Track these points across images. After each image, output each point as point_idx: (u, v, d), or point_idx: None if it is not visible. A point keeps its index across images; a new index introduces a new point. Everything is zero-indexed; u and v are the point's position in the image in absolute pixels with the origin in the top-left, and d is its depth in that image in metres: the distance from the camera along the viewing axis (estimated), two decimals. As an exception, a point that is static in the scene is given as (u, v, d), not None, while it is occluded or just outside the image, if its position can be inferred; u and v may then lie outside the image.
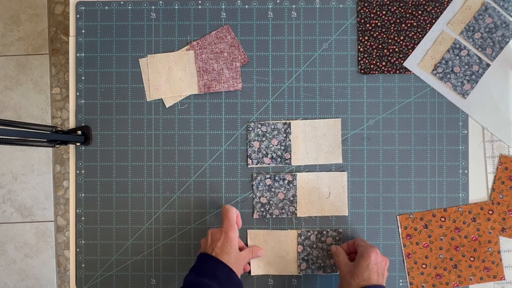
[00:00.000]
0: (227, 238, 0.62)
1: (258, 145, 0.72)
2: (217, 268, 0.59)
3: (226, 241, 0.61)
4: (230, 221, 0.64)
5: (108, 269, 0.72)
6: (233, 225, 0.64)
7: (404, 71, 0.72)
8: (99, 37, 0.73)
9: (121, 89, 0.73)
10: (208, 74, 0.69)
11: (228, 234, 0.62)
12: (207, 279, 0.58)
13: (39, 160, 1.49)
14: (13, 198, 1.49)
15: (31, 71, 1.50)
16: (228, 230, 0.63)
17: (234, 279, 0.60)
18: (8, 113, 1.49)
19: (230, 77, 0.70)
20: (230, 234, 0.63)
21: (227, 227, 0.63)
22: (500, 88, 0.71)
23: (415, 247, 0.71)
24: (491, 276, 0.70)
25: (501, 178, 0.71)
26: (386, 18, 0.72)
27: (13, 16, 1.50)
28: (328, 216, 0.71)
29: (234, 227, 0.64)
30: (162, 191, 0.72)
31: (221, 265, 0.59)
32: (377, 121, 0.72)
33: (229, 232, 0.63)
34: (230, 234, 0.63)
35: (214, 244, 0.61)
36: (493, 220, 0.70)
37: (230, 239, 0.62)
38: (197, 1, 0.73)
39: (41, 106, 1.50)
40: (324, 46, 0.72)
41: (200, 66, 0.71)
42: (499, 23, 0.71)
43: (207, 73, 0.69)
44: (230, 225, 0.64)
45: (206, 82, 0.70)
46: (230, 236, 0.62)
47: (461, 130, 0.72)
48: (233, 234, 0.63)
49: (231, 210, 0.65)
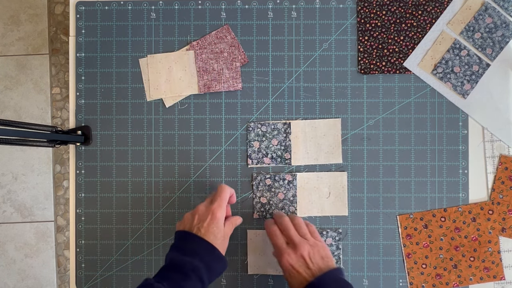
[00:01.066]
0: (213, 218, 0.60)
1: (258, 145, 0.72)
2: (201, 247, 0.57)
3: (212, 221, 0.60)
4: (222, 200, 0.62)
5: (108, 269, 0.72)
6: (222, 205, 0.62)
7: (404, 71, 0.72)
8: (99, 37, 0.73)
9: (121, 89, 0.73)
10: (208, 74, 0.69)
11: (216, 214, 0.60)
12: (189, 257, 0.56)
13: (39, 160, 1.49)
14: (13, 198, 1.49)
15: (31, 71, 1.50)
16: (216, 210, 0.61)
17: (218, 256, 0.58)
18: (8, 113, 1.49)
19: (230, 77, 0.70)
20: (217, 214, 0.60)
21: (216, 207, 0.61)
22: (500, 88, 0.71)
23: (415, 247, 0.71)
24: (491, 276, 0.70)
25: (501, 178, 0.71)
26: (386, 18, 0.72)
27: (13, 16, 1.50)
28: (328, 216, 0.71)
29: (223, 207, 0.62)
30: (162, 191, 0.72)
31: (204, 243, 0.58)
32: (377, 121, 0.72)
33: (216, 212, 0.60)
34: (217, 214, 0.60)
35: (200, 224, 0.59)
36: (493, 220, 0.70)
37: (217, 219, 0.60)
38: (197, 1, 0.73)
39: (41, 106, 1.50)
40: (324, 46, 0.72)
41: (200, 66, 0.71)
42: (499, 23, 0.71)
43: (207, 73, 0.69)
44: (220, 205, 0.61)
45: (206, 82, 0.70)
46: (217, 216, 0.60)
47: (461, 130, 0.72)
48: (220, 214, 0.61)
49: (226, 190, 0.63)
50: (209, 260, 0.57)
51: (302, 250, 0.57)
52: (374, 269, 0.71)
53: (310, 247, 0.58)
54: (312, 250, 0.58)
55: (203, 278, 0.56)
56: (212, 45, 0.70)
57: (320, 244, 0.60)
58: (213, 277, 0.58)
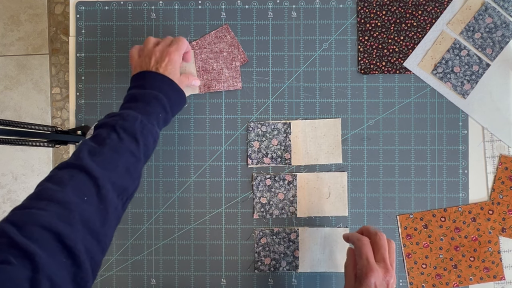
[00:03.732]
0: (171, 60, 0.60)
1: (258, 145, 0.72)
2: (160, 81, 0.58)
3: (170, 63, 0.60)
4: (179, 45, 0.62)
5: (108, 269, 0.72)
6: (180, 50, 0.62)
7: (404, 71, 0.72)
8: (99, 37, 0.73)
9: (121, 89, 0.73)
10: (208, 74, 0.69)
11: (173, 56, 0.60)
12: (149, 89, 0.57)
13: (39, 160, 1.49)
14: (13, 198, 1.49)
15: (31, 71, 1.50)
16: (174, 53, 0.61)
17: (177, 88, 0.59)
18: (8, 113, 1.49)
19: (230, 76, 0.70)
20: (175, 56, 0.60)
21: (174, 50, 0.61)
22: (500, 88, 0.71)
23: (415, 247, 0.71)
24: (491, 276, 0.70)
25: (501, 178, 0.71)
26: (386, 18, 0.72)
27: (13, 16, 1.50)
28: (328, 216, 0.71)
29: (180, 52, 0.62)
30: (162, 191, 0.72)
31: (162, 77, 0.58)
32: (377, 121, 0.72)
33: (174, 54, 0.60)
34: (175, 56, 0.60)
35: (158, 64, 0.60)
36: (493, 220, 0.70)
37: (175, 61, 0.60)
38: (197, 1, 0.73)
39: (41, 106, 1.50)
40: (324, 46, 0.72)
41: (199, 66, 0.71)
42: (499, 23, 0.71)
43: (207, 72, 0.69)
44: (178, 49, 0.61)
45: (206, 82, 0.70)
46: (174, 58, 0.60)
47: (461, 130, 0.72)
48: (178, 57, 0.61)
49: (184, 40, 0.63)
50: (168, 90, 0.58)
51: (389, 278, 0.55)
52: (374, 269, 0.71)
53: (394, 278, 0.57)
54: (394, 282, 0.56)
55: (166, 106, 0.57)
56: (212, 45, 0.70)
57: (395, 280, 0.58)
58: (174, 108, 0.59)
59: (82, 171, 0.47)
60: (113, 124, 0.53)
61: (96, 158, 0.49)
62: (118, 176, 0.50)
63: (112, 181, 0.49)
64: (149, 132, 0.55)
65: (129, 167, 0.52)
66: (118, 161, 0.50)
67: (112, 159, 0.50)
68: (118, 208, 0.50)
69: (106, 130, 0.52)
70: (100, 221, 0.46)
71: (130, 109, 0.56)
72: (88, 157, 0.48)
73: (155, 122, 0.57)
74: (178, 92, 0.61)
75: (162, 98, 0.57)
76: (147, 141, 0.54)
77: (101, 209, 0.47)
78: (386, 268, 0.55)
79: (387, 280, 0.55)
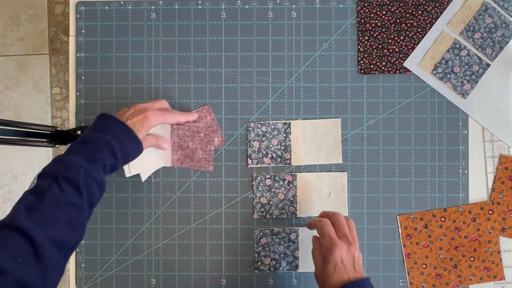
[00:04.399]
0: (145, 119, 0.59)
1: (258, 145, 0.72)
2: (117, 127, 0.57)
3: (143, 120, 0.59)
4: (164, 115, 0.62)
5: (108, 269, 0.72)
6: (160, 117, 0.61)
7: (404, 71, 0.72)
8: (99, 37, 0.73)
9: (121, 89, 0.73)
10: (182, 150, 0.68)
11: (149, 117, 0.60)
12: (102, 134, 0.56)
13: (39, 160, 1.49)
14: (13, 198, 1.49)
15: (31, 71, 1.50)
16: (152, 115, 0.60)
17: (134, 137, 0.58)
18: (8, 113, 1.49)
19: (203, 158, 0.70)
20: (151, 118, 0.60)
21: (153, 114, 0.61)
22: (500, 88, 0.71)
23: (415, 247, 0.71)
24: (491, 276, 0.70)
25: (501, 178, 0.71)
26: (386, 18, 0.72)
27: (13, 16, 1.50)
28: (328, 216, 0.71)
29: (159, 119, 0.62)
30: (162, 191, 0.72)
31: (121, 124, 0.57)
32: (377, 121, 0.72)
33: (151, 116, 0.60)
34: (151, 118, 0.60)
35: (131, 116, 0.59)
36: (493, 220, 0.70)
37: (148, 122, 0.60)
38: (197, 1, 0.73)
39: (41, 106, 1.50)
40: (324, 46, 0.72)
41: (175, 141, 0.70)
42: (499, 23, 0.71)
43: (181, 149, 0.68)
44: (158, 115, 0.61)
45: (180, 157, 0.69)
46: (150, 119, 0.60)
47: (461, 130, 0.72)
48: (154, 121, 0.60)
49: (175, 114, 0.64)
50: (124, 139, 0.57)
51: (353, 250, 0.57)
52: (374, 269, 0.71)
53: (359, 252, 0.58)
54: (359, 254, 0.58)
55: (116, 154, 0.56)
56: (190, 123, 0.70)
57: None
58: (127, 157, 0.58)
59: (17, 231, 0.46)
60: (56, 174, 0.51)
61: (34, 215, 0.48)
62: (58, 232, 0.49)
63: (51, 238, 0.47)
64: (94, 180, 0.53)
65: (70, 220, 0.50)
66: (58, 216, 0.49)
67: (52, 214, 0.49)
68: (59, 262, 0.49)
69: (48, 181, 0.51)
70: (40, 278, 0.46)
71: (77, 154, 0.54)
72: (25, 215, 0.47)
73: (101, 169, 0.55)
74: (135, 142, 0.59)
75: (114, 146, 0.55)
76: (91, 189, 0.53)
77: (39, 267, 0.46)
78: (349, 242, 0.57)
79: (352, 252, 0.56)
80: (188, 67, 0.73)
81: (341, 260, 0.55)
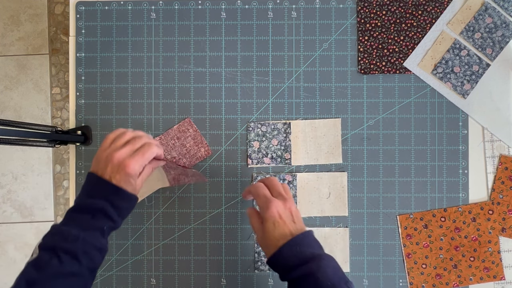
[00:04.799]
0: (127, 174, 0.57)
1: (258, 145, 0.72)
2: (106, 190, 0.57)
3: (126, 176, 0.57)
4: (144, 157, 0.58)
5: (108, 269, 0.72)
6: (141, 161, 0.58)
7: (404, 71, 0.72)
8: (99, 37, 0.73)
9: (121, 89, 0.73)
10: (174, 170, 0.67)
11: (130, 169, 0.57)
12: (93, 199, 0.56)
13: (39, 160, 1.49)
14: (13, 198, 1.49)
15: (31, 71, 1.50)
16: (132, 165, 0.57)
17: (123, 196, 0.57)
18: (8, 113, 1.49)
19: (195, 172, 0.70)
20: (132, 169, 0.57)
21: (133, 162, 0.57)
22: (500, 88, 0.71)
23: (415, 247, 0.71)
24: (491, 276, 0.70)
25: (501, 178, 0.71)
26: (386, 18, 0.72)
27: (13, 16, 1.50)
28: (328, 216, 0.71)
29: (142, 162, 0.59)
30: (162, 191, 0.72)
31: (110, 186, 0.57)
32: (377, 121, 0.72)
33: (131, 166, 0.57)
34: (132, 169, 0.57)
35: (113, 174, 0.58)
36: (493, 220, 0.70)
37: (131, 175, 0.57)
38: (197, 1, 0.73)
39: (41, 106, 1.50)
40: (324, 46, 0.72)
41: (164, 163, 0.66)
42: (499, 23, 0.71)
43: (172, 169, 0.67)
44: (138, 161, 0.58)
45: (174, 176, 0.67)
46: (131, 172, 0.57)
47: (461, 130, 0.72)
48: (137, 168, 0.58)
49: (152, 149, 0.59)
50: (115, 200, 0.57)
51: (290, 205, 0.58)
52: (374, 269, 0.71)
53: (296, 207, 0.59)
54: (296, 209, 0.59)
55: (112, 216, 0.56)
56: (175, 140, 0.70)
57: None
58: (123, 213, 0.58)
59: None
60: (54, 246, 0.53)
61: None
62: None
63: None
64: (92, 247, 0.55)
65: None
66: None
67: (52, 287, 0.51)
68: None
69: (48, 253, 0.53)
70: None
71: (74, 223, 0.55)
72: None
73: (99, 234, 0.56)
74: (127, 199, 0.58)
75: (107, 210, 0.56)
76: (90, 255, 0.54)
77: None
78: (284, 198, 0.58)
79: (289, 207, 0.58)
80: (188, 67, 0.73)
81: (279, 215, 0.56)
